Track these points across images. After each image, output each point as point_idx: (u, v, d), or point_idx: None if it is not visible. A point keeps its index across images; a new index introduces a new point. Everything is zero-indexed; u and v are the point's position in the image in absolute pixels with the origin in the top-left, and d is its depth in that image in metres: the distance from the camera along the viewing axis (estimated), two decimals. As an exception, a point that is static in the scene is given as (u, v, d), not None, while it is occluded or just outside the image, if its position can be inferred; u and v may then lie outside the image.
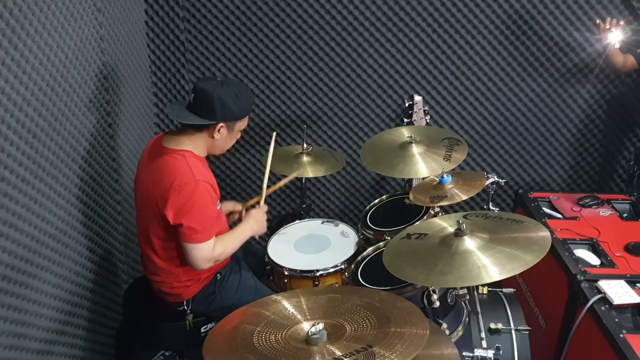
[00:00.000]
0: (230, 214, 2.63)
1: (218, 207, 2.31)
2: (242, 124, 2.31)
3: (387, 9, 3.32)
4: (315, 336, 1.50)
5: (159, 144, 2.27)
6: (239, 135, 2.36)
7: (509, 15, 3.32)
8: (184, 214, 2.13)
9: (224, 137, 2.28)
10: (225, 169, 3.78)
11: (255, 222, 2.48)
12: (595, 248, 2.60)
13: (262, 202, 2.60)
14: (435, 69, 3.47)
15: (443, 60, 3.45)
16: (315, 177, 3.34)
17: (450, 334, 2.11)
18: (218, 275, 2.40)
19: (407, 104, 3.12)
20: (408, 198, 2.55)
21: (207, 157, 2.37)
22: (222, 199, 2.41)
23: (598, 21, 2.99)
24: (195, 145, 2.25)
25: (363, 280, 2.28)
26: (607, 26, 2.90)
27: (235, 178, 3.81)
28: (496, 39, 3.38)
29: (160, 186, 2.15)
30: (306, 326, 1.60)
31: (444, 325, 2.06)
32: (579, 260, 2.49)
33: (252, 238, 2.49)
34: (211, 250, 2.22)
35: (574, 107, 3.55)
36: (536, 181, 3.78)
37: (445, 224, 2.03)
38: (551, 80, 3.48)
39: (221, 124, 2.21)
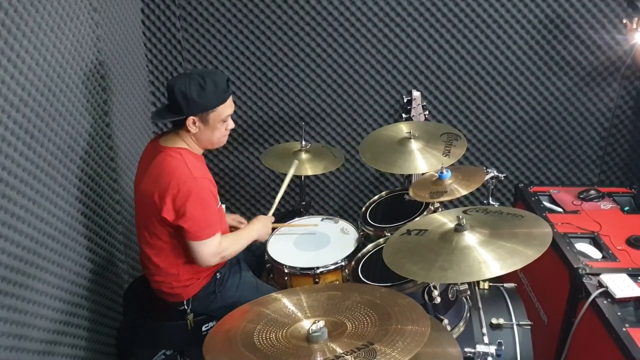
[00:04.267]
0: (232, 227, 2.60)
1: (218, 206, 2.31)
2: (218, 114, 2.19)
3: (385, 4, 3.31)
4: (316, 334, 1.50)
5: (157, 143, 2.27)
6: (229, 126, 2.28)
7: (507, 9, 3.30)
8: (186, 213, 2.11)
9: (203, 130, 2.21)
10: (224, 167, 3.78)
11: (262, 226, 2.50)
12: (596, 242, 2.59)
13: (270, 213, 2.63)
14: (433, 64, 3.46)
15: (441, 55, 3.44)
16: (314, 174, 3.33)
17: (452, 329, 2.11)
18: (218, 274, 2.39)
19: (405, 100, 3.12)
20: (407, 194, 2.54)
21: (205, 156, 2.36)
22: (220, 197, 2.40)
23: (625, 21, 2.94)
24: (187, 143, 2.24)
25: (363, 277, 2.27)
26: (635, 26, 2.81)
27: (234, 176, 3.80)
28: (494, 33, 3.37)
29: (158, 185, 2.14)
30: (307, 324, 1.59)
31: (445, 321, 2.06)
32: (581, 254, 2.49)
33: (255, 242, 2.49)
34: (217, 245, 2.22)
35: (573, 100, 3.54)
36: (536, 175, 3.77)
37: (445, 220, 2.03)
38: (550, 73, 3.47)
39: (192, 118, 2.17)
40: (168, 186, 2.11)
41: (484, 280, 2.43)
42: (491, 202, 2.68)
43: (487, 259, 1.74)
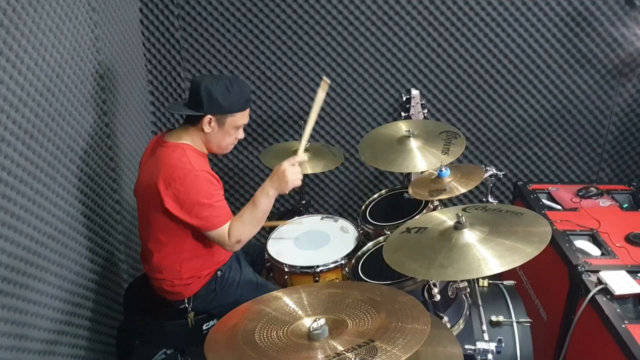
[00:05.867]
0: None
1: None
2: (235, 120, 2.24)
3: (383, 2, 3.31)
4: (316, 332, 1.50)
5: (160, 139, 2.29)
6: (239, 135, 2.32)
7: (505, 8, 3.31)
8: (193, 206, 2.13)
9: (216, 132, 2.24)
10: (224, 167, 3.78)
11: (277, 178, 2.26)
12: (595, 239, 2.60)
13: (300, 151, 2.40)
14: (432, 62, 3.46)
15: (440, 54, 3.44)
16: (314, 173, 3.34)
17: (452, 327, 2.12)
18: (219, 272, 2.40)
19: (404, 98, 3.12)
20: (407, 192, 2.55)
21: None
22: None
23: None
24: (193, 140, 2.26)
25: (364, 275, 2.28)
26: None
27: (233, 175, 3.80)
28: (492, 32, 3.37)
29: (160, 178, 2.15)
30: (307, 322, 1.60)
31: (445, 319, 2.06)
32: (580, 251, 2.50)
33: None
34: (228, 233, 2.20)
35: (571, 98, 3.54)
36: (535, 173, 3.78)
37: (445, 217, 2.03)
38: (549, 71, 3.47)
39: (209, 117, 2.19)
40: (170, 178, 2.13)
41: (484, 278, 2.44)
42: (490, 200, 2.69)
43: (487, 256, 1.75)
